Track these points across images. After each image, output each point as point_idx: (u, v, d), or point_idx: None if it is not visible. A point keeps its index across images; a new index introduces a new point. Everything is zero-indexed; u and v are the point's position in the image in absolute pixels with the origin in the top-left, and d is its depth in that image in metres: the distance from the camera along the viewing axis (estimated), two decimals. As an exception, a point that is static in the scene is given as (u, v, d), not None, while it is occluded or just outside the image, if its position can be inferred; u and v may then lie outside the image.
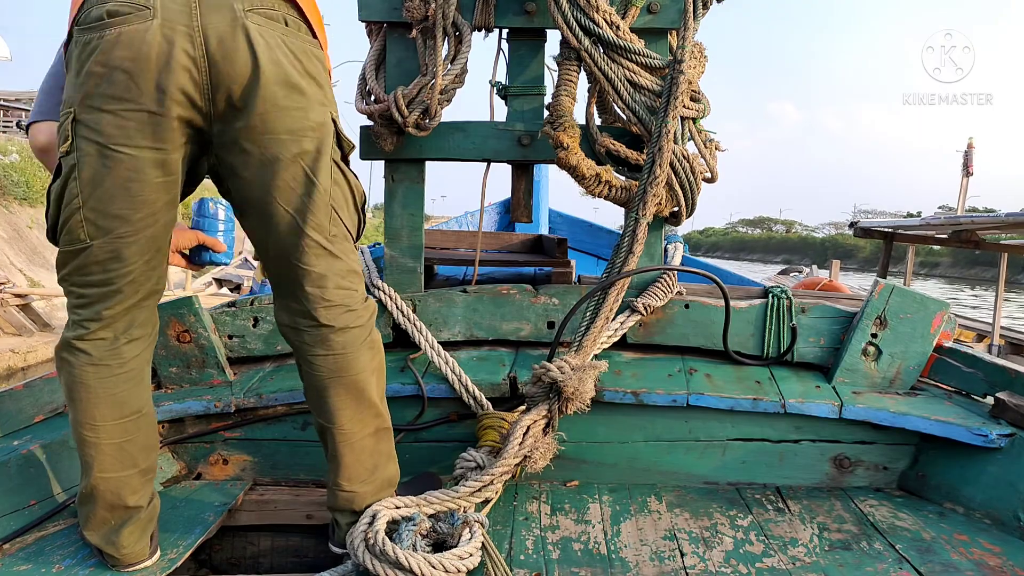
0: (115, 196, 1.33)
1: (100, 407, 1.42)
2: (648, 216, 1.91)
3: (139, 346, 1.46)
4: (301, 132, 1.38)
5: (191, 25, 1.28)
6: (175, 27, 1.28)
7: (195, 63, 1.29)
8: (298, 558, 1.97)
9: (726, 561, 1.54)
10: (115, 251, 1.36)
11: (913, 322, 1.97)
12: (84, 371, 1.41)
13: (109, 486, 1.44)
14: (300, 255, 1.43)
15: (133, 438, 1.46)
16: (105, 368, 1.42)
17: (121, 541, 1.46)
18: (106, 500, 1.45)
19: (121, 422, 1.44)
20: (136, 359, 1.46)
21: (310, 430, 1.98)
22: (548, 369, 1.73)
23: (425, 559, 1.35)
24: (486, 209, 3.75)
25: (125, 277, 1.39)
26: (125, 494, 1.45)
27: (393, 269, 2.15)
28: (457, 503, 1.60)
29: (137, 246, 1.37)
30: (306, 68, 1.38)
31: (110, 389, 1.43)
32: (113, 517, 1.46)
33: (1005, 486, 1.68)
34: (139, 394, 1.47)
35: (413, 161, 2.11)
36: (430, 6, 1.91)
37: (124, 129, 1.30)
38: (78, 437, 1.44)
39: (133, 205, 1.34)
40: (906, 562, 1.52)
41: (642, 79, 1.92)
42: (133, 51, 1.27)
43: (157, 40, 1.27)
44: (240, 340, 2.10)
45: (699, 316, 2.06)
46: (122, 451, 1.44)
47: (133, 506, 1.47)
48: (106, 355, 1.42)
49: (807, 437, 1.92)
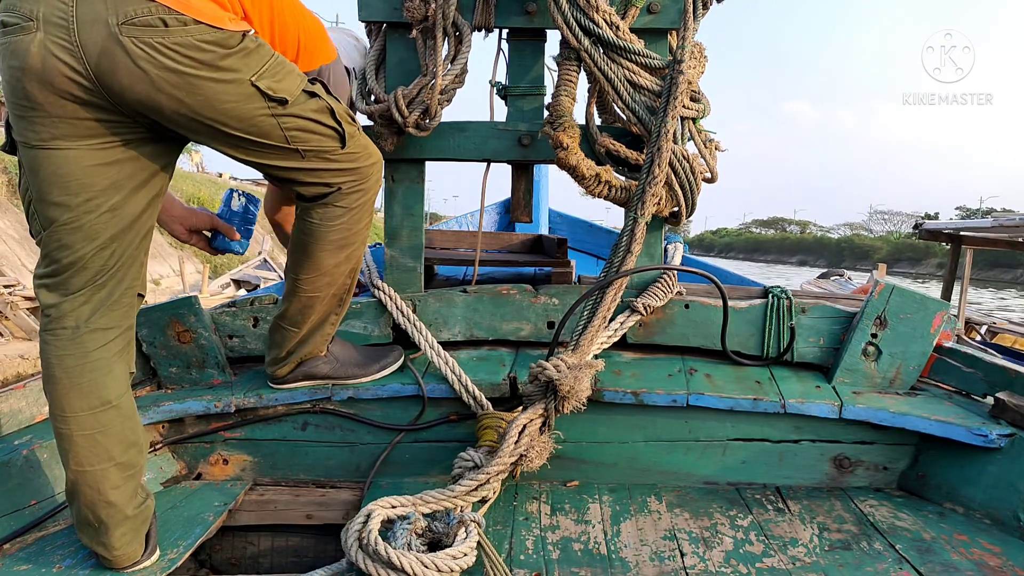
0: (52, 185, 1.40)
1: (67, 397, 1.44)
2: (647, 216, 1.91)
3: (103, 337, 1.47)
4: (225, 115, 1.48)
5: (71, 40, 1.33)
6: (56, 41, 1.32)
7: (80, 74, 1.35)
8: (298, 558, 1.97)
9: (726, 561, 1.54)
10: (60, 239, 1.42)
11: (913, 322, 1.97)
12: (50, 363, 1.45)
13: (86, 480, 1.44)
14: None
15: (105, 430, 1.46)
16: (69, 357, 1.44)
17: (112, 542, 1.46)
18: (86, 496, 1.45)
19: (90, 413, 1.45)
20: (101, 350, 1.47)
21: (310, 430, 1.99)
22: (544, 368, 1.74)
23: (418, 559, 1.35)
24: (486, 209, 3.75)
25: (74, 265, 1.43)
26: (104, 488, 1.45)
27: (393, 269, 2.15)
28: (453, 502, 1.61)
29: (82, 232, 1.42)
30: (198, 60, 1.41)
31: (75, 379, 1.44)
32: (95, 515, 1.45)
33: (1005, 486, 1.68)
34: (107, 385, 1.47)
35: (413, 161, 2.12)
36: (430, 6, 1.91)
37: (37, 131, 1.38)
38: (55, 431, 1.46)
39: (68, 191, 1.40)
40: (906, 562, 1.52)
41: (642, 79, 1.92)
42: (19, 62, 1.33)
43: (37, 54, 1.32)
44: (240, 340, 2.10)
45: (699, 316, 2.06)
46: (94, 443, 1.45)
47: (115, 502, 1.46)
48: (68, 344, 1.45)
49: (807, 437, 1.91)
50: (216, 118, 1.47)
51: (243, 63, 1.47)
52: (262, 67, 1.49)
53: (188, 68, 1.40)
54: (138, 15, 1.35)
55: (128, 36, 1.34)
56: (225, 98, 1.46)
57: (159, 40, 1.36)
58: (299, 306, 1.81)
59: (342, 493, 1.91)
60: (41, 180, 1.40)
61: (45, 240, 1.43)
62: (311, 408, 1.96)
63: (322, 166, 1.65)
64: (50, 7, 1.32)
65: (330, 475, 2.00)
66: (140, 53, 1.35)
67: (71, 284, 1.45)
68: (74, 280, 1.45)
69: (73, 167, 1.40)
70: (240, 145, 1.54)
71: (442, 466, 1.94)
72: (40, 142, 1.38)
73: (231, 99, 1.47)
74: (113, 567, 1.48)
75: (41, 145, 1.38)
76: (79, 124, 1.39)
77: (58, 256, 1.43)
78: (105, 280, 1.47)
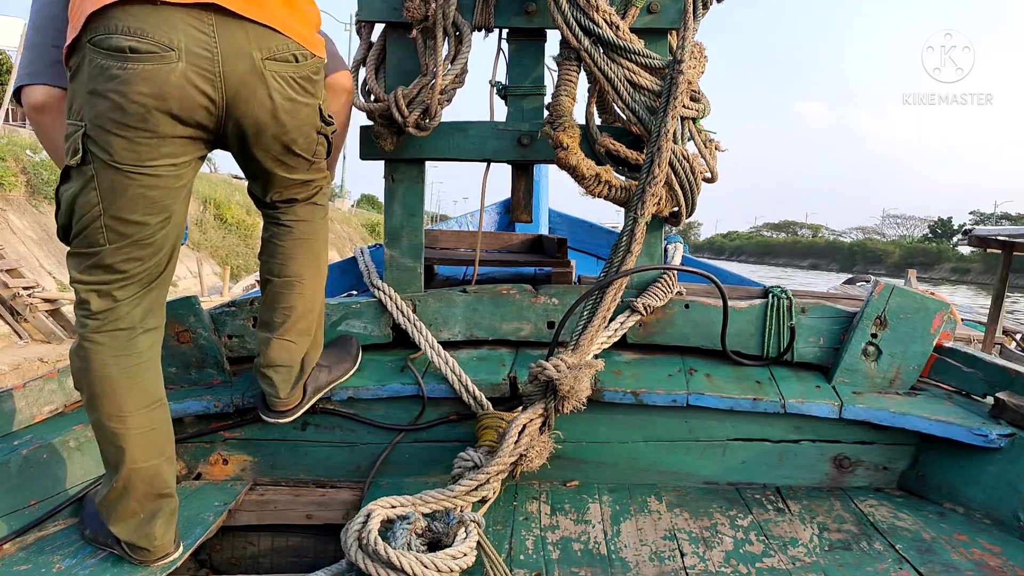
0: (136, 205, 1.42)
1: (127, 398, 1.47)
2: (647, 216, 1.91)
3: (152, 337, 1.53)
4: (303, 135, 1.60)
5: (214, 71, 1.40)
6: (198, 71, 1.38)
7: (214, 103, 1.42)
8: (298, 558, 1.97)
9: (726, 561, 1.54)
10: (129, 252, 1.45)
11: (913, 322, 1.97)
12: (106, 364, 1.45)
13: (141, 476, 1.48)
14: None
15: (158, 427, 1.52)
16: (126, 358, 1.47)
17: (154, 532, 1.50)
18: (139, 491, 1.48)
19: (146, 411, 1.49)
20: (151, 349, 1.52)
21: (310, 430, 1.99)
22: (544, 368, 1.74)
23: (417, 559, 1.36)
24: (486, 209, 3.75)
25: (139, 274, 1.48)
26: (158, 483, 1.50)
27: (393, 269, 2.15)
28: (453, 502, 1.61)
29: (153, 246, 1.48)
30: (307, 89, 1.55)
31: (135, 379, 1.48)
32: (144, 509, 1.50)
33: (1005, 486, 1.68)
34: (158, 383, 1.54)
35: (413, 161, 2.12)
36: (430, 6, 1.91)
37: (136, 152, 1.39)
38: (105, 432, 1.47)
39: (152, 211, 1.44)
40: (906, 562, 1.52)
41: (642, 79, 1.92)
42: (155, 88, 1.35)
43: (178, 83, 1.36)
44: (240, 340, 2.10)
45: (699, 316, 2.06)
46: (150, 440, 1.49)
47: (165, 494, 1.52)
48: (126, 345, 1.47)
49: (807, 437, 1.92)
50: (296, 138, 1.58)
51: (320, 88, 1.61)
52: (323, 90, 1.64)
53: (301, 96, 1.54)
54: (279, 51, 1.48)
55: (269, 70, 1.46)
56: (308, 120, 1.58)
57: (291, 73, 1.50)
58: (306, 308, 1.79)
59: (342, 493, 1.92)
60: (126, 199, 1.41)
61: (108, 252, 1.43)
62: (311, 408, 1.96)
63: (319, 171, 1.74)
64: (192, 38, 1.37)
65: (330, 475, 2.00)
66: (275, 85, 1.48)
67: (128, 290, 1.47)
68: (132, 286, 1.47)
69: (162, 188, 1.44)
70: (289, 161, 1.62)
71: (442, 466, 1.94)
72: (137, 163, 1.40)
73: (311, 120, 1.59)
74: (150, 559, 1.52)
75: (136, 166, 1.40)
76: (178, 144, 1.43)
77: (124, 268, 1.45)
78: (157, 284, 1.52)
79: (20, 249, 12.03)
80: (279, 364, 1.79)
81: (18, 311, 10.36)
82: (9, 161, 13.28)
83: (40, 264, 12.47)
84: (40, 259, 12.62)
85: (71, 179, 1.43)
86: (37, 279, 11.19)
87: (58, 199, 1.46)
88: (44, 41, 1.60)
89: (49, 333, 10.48)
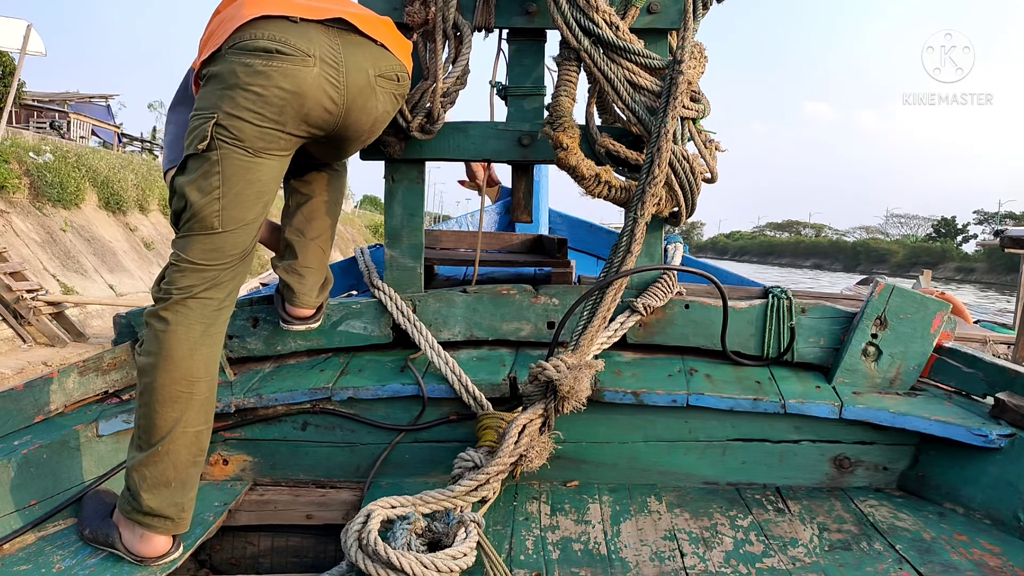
0: (251, 187, 1.58)
1: (200, 364, 1.57)
2: (646, 216, 1.91)
3: (228, 313, 1.65)
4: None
5: (339, 80, 1.61)
6: (327, 77, 1.59)
7: (336, 107, 1.63)
8: (298, 558, 1.97)
9: (726, 561, 1.54)
10: (240, 234, 1.60)
11: (913, 322, 1.97)
12: (191, 328, 1.56)
13: (188, 440, 1.56)
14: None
15: (211, 395, 1.61)
16: (210, 326, 1.59)
17: (183, 503, 1.57)
18: (181, 456, 1.55)
19: (208, 380, 1.59)
20: (225, 324, 1.65)
21: (310, 430, 1.99)
22: (544, 368, 1.74)
23: (417, 559, 1.36)
24: (486, 209, 3.75)
25: (241, 254, 1.62)
26: (197, 448, 1.59)
27: (393, 269, 2.15)
28: (453, 502, 1.61)
29: (255, 231, 1.64)
30: (397, 104, 1.82)
31: (212, 348, 1.60)
32: (178, 476, 1.55)
33: (1005, 486, 1.68)
34: (219, 357, 1.66)
35: (413, 161, 2.12)
36: (430, 10, 1.91)
37: (264, 140, 1.57)
38: (168, 396, 1.53)
39: (261, 198, 1.62)
40: (906, 562, 1.52)
41: (642, 79, 1.92)
42: (294, 85, 1.55)
43: (314, 84, 1.57)
44: (240, 340, 2.10)
45: (699, 316, 2.06)
46: (205, 407, 1.60)
47: (199, 461, 1.60)
48: (211, 315, 1.59)
49: (807, 437, 1.91)
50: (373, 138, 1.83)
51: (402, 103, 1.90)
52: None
53: (393, 110, 1.80)
54: (387, 70, 1.71)
55: (379, 85, 1.70)
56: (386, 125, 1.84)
57: (393, 89, 1.75)
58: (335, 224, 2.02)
59: (342, 493, 1.92)
60: (244, 183, 1.57)
61: (220, 236, 1.56)
62: (311, 408, 1.96)
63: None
64: (323, 49, 1.58)
65: (330, 475, 2.00)
66: (382, 98, 1.72)
67: (227, 272, 1.61)
68: (230, 268, 1.61)
69: (276, 175, 1.64)
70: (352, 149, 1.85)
71: (442, 466, 1.94)
72: (261, 150, 1.57)
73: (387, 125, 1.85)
74: (171, 531, 1.56)
75: (258, 152, 1.57)
76: (291, 141, 1.62)
77: (230, 250, 1.59)
78: (244, 265, 1.65)
79: (24, 252, 12.01)
80: (312, 266, 1.96)
81: (22, 314, 10.33)
82: (12, 163, 13.24)
83: (44, 267, 12.43)
84: (44, 262, 12.58)
85: (190, 169, 1.56)
86: (41, 282, 11.14)
87: (173, 188, 1.59)
88: (180, 137, 1.72)
89: (53, 336, 10.45)
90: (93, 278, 13.62)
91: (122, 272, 14.72)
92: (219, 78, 1.54)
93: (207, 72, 1.57)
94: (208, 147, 1.53)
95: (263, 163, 1.58)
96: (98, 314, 12.18)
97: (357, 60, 1.64)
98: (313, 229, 1.95)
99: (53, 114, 30.89)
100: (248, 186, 1.58)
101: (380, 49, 1.70)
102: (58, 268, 12.79)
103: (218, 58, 1.56)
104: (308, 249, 1.95)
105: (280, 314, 2.02)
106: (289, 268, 1.95)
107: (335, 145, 1.78)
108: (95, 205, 15.63)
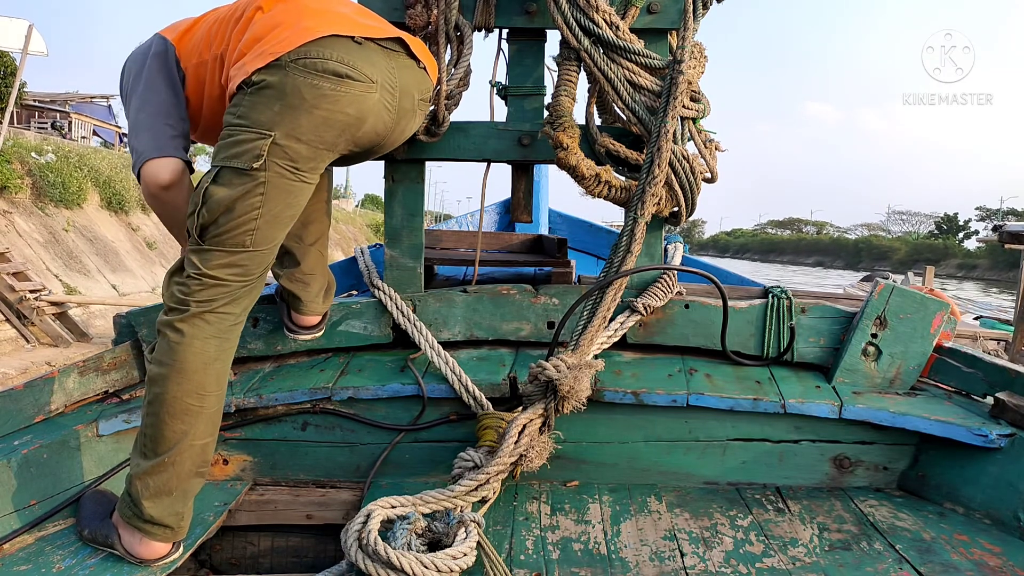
0: (286, 214, 1.57)
1: (212, 378, 1.55)
2: (646, 216, 1.91)
3: (241, 327, 1.63)
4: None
5: (393, 104, 1.64)
6: (384, 103, 1.61)
7: (386, 130, 1.67)
8: (298, 558, 1.97)
9: (726, 561, 1.54)
10: (267, 254, 1.58)
11: (913, 322, 1.96)
12: (207, 342, 1.53)
13: (195, 452, 1.55)
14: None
15: (218, 409, 1.60)
16: (225, 341, 1.58)
17: (183, 512, 1.56)
18: (186, 467, 1.54)
19: (218, 393, 1.58)
20: (237, 338, 1.63)
21: (310, 430, 1.99)
22: (544, 368, 1.74)
23: (417, 559, 1.36)
24: (486, 209, 3.75)
25: (263, 272, 1.61)
26: (203, 460, 1.58)
27: (393, 269, 2.15)
28: (453, 502, 1.61)
29: (278, 247, 1.63)
30: (424, 119, 1.90)
31: (224, 362, 1.58)
32: (181, 486, 1.55)
33: (1005, 486, 1.68)
34: (228, 373, 1.64)
35: (413, 161, 2.12)
36: (432, 12, 1.91)
37: (313, 161, 1.56)
38: (178, 408, 1.52)
39: (293, 219, 1.61)
40: (906, 562, 1.52)
41: (642, 79, 1.92)
42: (358, 111, 1.56)
43: (375, 109, 1.60)
44: (240, 340, 2.10)
45: (699, 316, 2.06)
46: (213, 420, 1.59)
47: (203, 472, 1.59)
48: (227, 330, 1.57)
49: (807, 437, 1.91)
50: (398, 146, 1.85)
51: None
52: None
53: (418, 127, 1.86)
54: (427, 93, 1.79)
55: (419, 108, 1.77)
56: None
57: (425, 111, 1.84)
58: (328, 229, 2.00)
59: (342, 493, 1.92)
60: (285, 205, 1.54)
61: (248, 255, 1.53)
62: (311, 408, 1.96)
63: None
64: (383, 75, 1.60)
65: (330, 475, 2.00)
66: (418, 119, 1.80)
67: (250, 284, 1.58)
68: (250, 285, 1.58)
69: (309, 194, 1.62)
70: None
71: (442, 466, 1.95)
72: (310, 171, 1.57)
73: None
74: (170, 539, 1.55)
75: (306, 174, 1.56)
76: (333, 158, 1.62)
77: (253, 269, 1.56)
78: (260, 281, 1.63)
79: (27, 252, 12.02)
80: (314, 272, 1.95)
81: (25, 315, 10.34)
82: (15, 164, 13.25)
83: (46, 267, 12.43)
84: (47, 262, 12.58)
85: (228, 182, 1.48)
86: (44, 282, 11.14)
87: (204, 197, 1.49)
88: (159, 123, 1.63)
89: (56, 336, 10.46)
90: (96, 278, 13.63)
91: (125, 272, 14.73)
92: (279, 93, 1.47)
93: (262, 80, 1.48)
94: (261, 166, 1.48)
95: (305, 186, 1.57)
96: (101, 314, 12.19)
97: (407, 85, 1.67)
98: (311, 233, 1.93)
99: (54, 114, 30.93)
100: (287, 208, 1.56)
101: (423, 72, 1.73)
102: (61, 268, 12.79)
103: (276, 69, 1.48)
104: (308, 255, 1.93)
105: (286, 324, 2.01)
106: (292, 277, 1.92)
107: (356, 158, 1.77)
108: (97, 205, 15.64)
